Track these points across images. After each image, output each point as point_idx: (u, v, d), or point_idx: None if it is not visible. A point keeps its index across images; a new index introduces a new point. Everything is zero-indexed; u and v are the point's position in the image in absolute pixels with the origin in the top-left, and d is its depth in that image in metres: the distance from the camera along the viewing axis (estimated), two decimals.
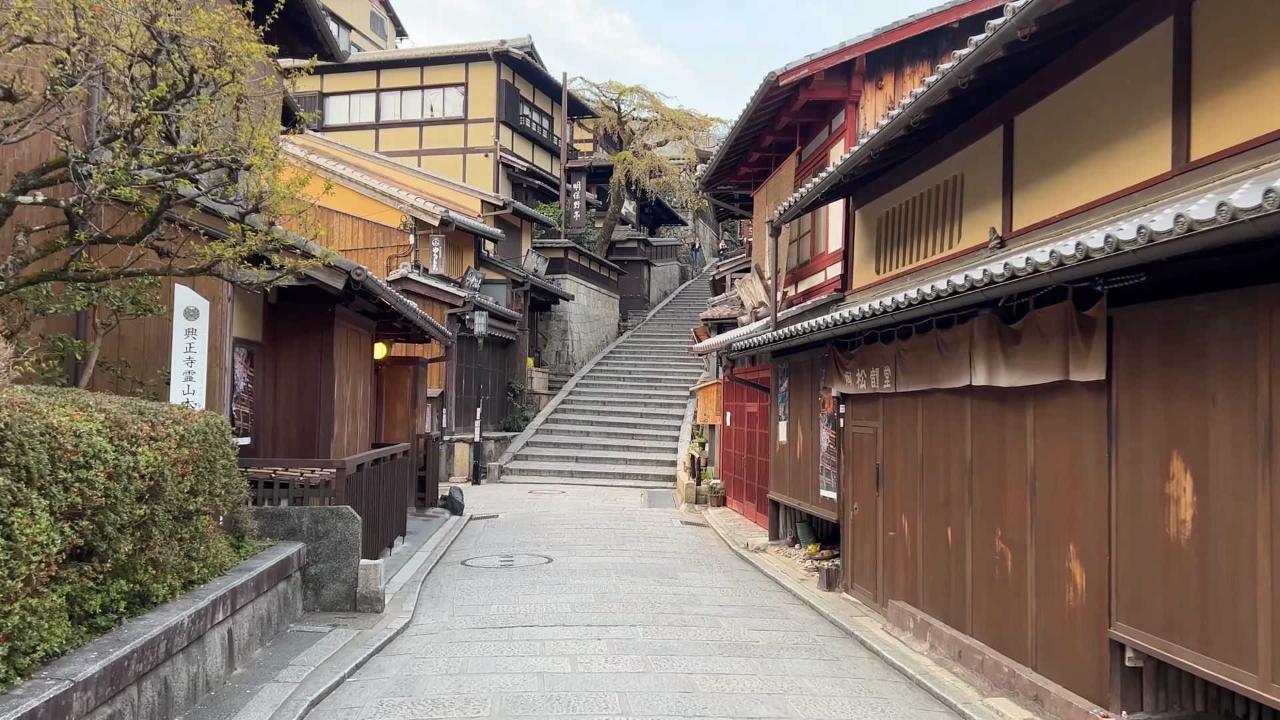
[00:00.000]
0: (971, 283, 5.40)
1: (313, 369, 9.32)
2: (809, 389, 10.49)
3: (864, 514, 8.72)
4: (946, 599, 6.93)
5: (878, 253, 11.14)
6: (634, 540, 12.58)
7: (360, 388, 10.82)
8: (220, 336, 7.84)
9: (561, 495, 18.16)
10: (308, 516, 7.85)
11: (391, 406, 14.52)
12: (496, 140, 29.15)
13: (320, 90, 31.40)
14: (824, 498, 9.86)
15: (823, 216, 13.53)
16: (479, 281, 23.30)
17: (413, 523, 13.46)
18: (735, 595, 9.13)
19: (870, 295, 10.85)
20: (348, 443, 10.12)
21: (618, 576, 9.86)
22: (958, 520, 6.81)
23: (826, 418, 9.80)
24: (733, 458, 15.91)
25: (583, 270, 31.03)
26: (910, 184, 10.29)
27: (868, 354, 8.44)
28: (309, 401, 9.29)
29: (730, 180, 17.02)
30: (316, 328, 9.33)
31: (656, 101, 36.51)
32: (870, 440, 8.57)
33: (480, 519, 14.92)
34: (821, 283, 13.20)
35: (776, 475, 11.78)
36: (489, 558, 11.08)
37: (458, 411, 21.10)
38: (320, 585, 7.85)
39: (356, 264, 7.87)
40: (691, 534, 13.56)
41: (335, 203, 21.50)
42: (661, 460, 21.52)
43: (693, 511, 16.16)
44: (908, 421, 7.75)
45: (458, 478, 20.46)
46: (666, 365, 28.74)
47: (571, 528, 13.68)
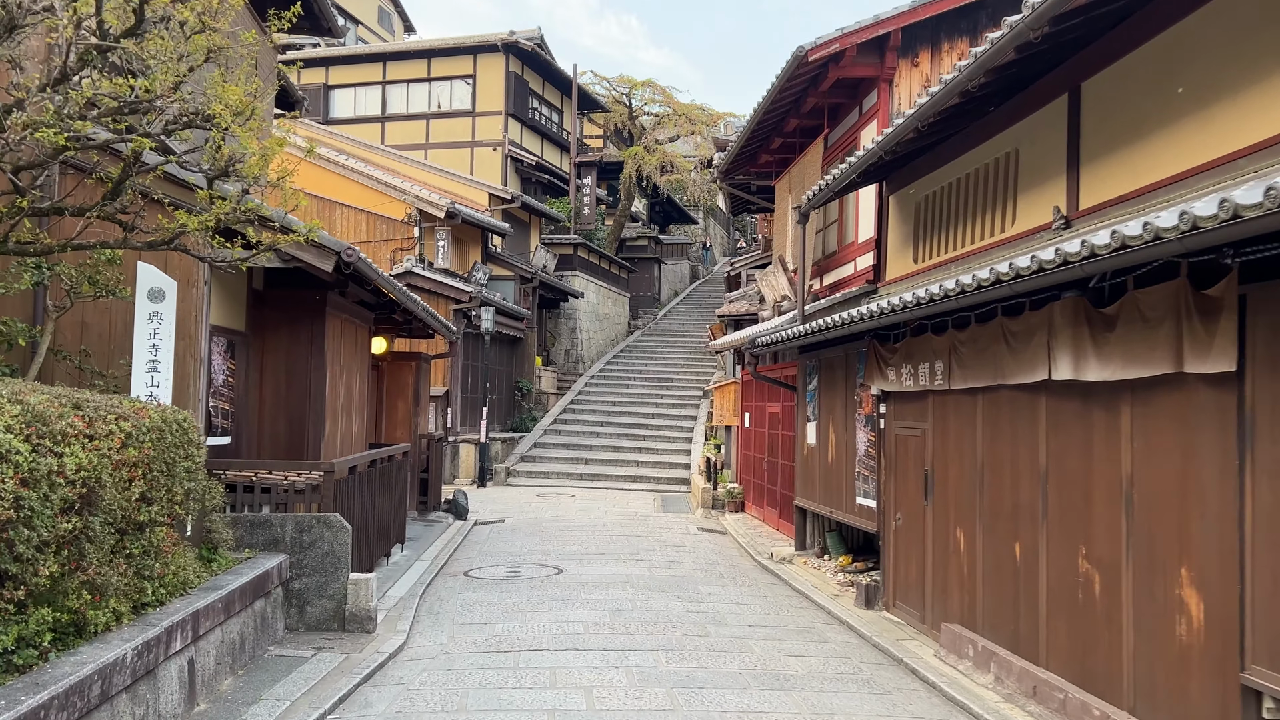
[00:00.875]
0: (1064, 257, 4.55)
1: (302, 362, 8.50)
2: (843, 387, 9.64)
3: (909, 525, 7.86)
4: (1014, 624, 6.08)
5: (916, 240, 10.29)
6: (649, 549, 11.74)
7: (356, 384, 10.01)
8: (195, 324, 7.02)
9: (571, 499, 17.33)
10: (291, 525, 7.03)
11: (392, 405, 13.72)
12: (505, 133, 28.36)
13: (325, 83, 30.70)
14: (860, 506, 9.01)
15: (851, 204, 12.68)
16: (486, 277, 22.49)
17: (414, 528, 12.65)
18: (764, 613, 8.28)
19: (907, 286, 10.00)
20: (341, 443, 9.31)
21: (634, 590, 9.02)
22: (1028, 535, 5.96)
23: (864, 418, 8.95)
24: (751, 461, 15.07)
25: (592, 267, 30.22)
26: (953, 165, 9.44)
27: (915, 348, 7.59)
28: (297, 397, 8.48)
29: (750, 169, 16.17)
30: (306, 317, 8.52)
31: (669, 95, 35.70)
32: (917, 443, 7.72)
33: (485, 524, 14.11)
34: (851, 274, 12.35)
35: (804, 480, 10.93)
36: (494, 568, 10.26)
37: (463, 411, 20.29)
38: (305, 602, 7.04)
39: (348, 244, 7.05)
40: (710, 542, 12.72)
41: (337, 194, 20.74)
42: (674, 463, 20.68)
43: (709, 517, 15.31)
44: (964, 422, 6.90)
45: (463, 480, 19.65)
46: (678, 365, 27.92)
47: (582, 534, 12.85)
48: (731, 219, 56.42)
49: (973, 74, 6.84)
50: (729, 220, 55.61)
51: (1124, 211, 6.49)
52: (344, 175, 21.17)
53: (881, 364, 8.23)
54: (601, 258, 31.20)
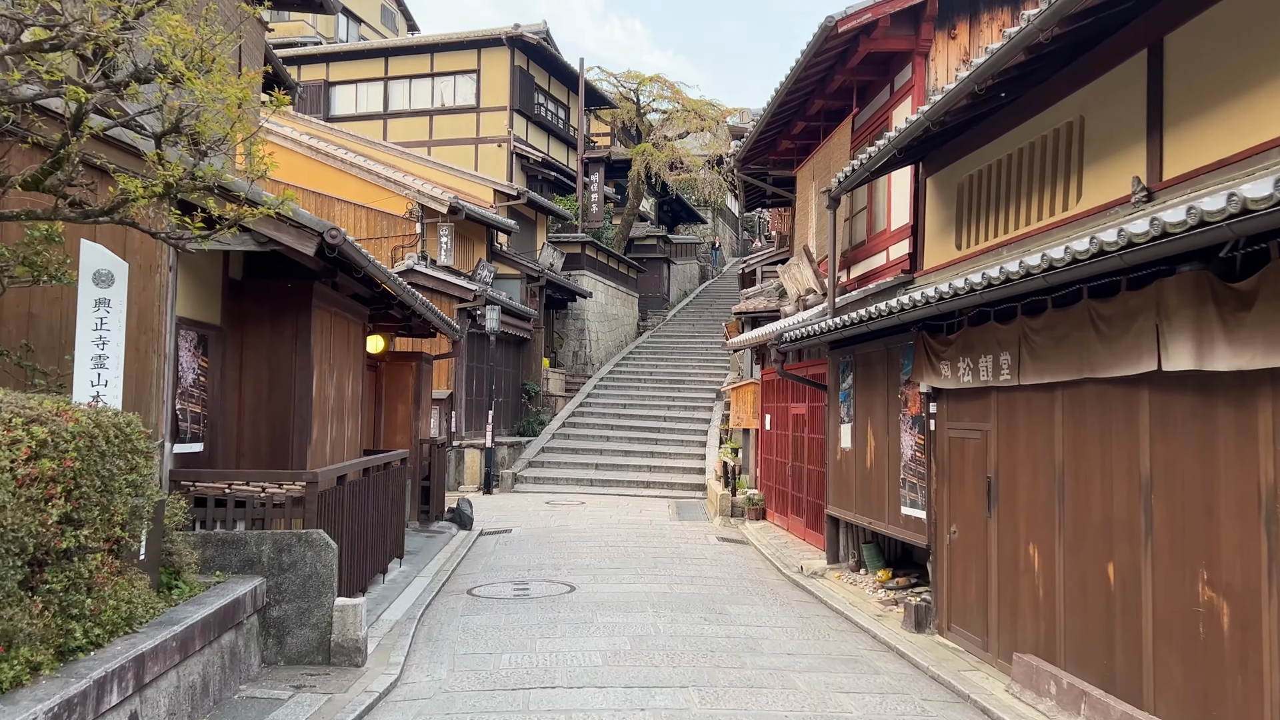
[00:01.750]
0: (1201, 217, 3.67)
1: (285, 359, 7.66)
2: (883, 385, 8.76)
3: (967, 539, 6.97)
4: (1108, 660, 5.18)
5: (959, 225, 9.41)
6: (668, 562, 10.86)
7: (349, 384, 9.16)
8: (159, 315, 6.18)
9: (581, 506, 16.46)
10: (269, 544, 6.17)
11: (391, 408, 12.88)
12: (510, 129, 27.54)
13: (326, 79, 29.97)
14: (906, 517, 8.12)
15: (882, 190, 11.81)
16: (491, 276, 21.65)
17: (414, 540, 11.79)
18: (803, 638, 7.40)
19: (950, 275, 9.12)
20: (331, 449, 8.46)
21: (655, 611, 8.14)
22: (1125, 554, 5.07)
23: (910, 419, 8.07)
24: (773, 465, 14.18)
25: (601, 267, 29.37)
26: (1001, 140, 8.57)
27: (974, 339, 6.70)
28: (281, 399, 7.63)
29: (769, 156, 15.30)
30: (290, 310, 7.67)
31: (677, 91, 34.87)
32: (977, 447, 6.83)
33: (491, 534, 13.25)
34: (882, 265, 11.47)
35: (837, 487, 10.04)
36: (500, 585, 9.39)
37: (468, 414, 19.45)
38: (284, 631, 6.17)
39: (331, 224, 6.20)
40: (732, 554, 11.84)
41: (336, 189, 19.94)
42: (689, 468, 19.80)
43: (729, 526, 14.43)
44: (1038, 422, 6.01)
45: (468, 486, 18.80)
46: (690, 366, 27.04)
47: (594, 545, 11.98)
48: (740, 219, 55.63)
49: (1045, 22, 5.96)
50: (738, 220, 54.77)
51: (1218, 180, 5.61)
52: (343, 170, 20.36)
53: (933, 358, 7.35)
54: (610, 257, 30.36)
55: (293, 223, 6.18)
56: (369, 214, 19.69)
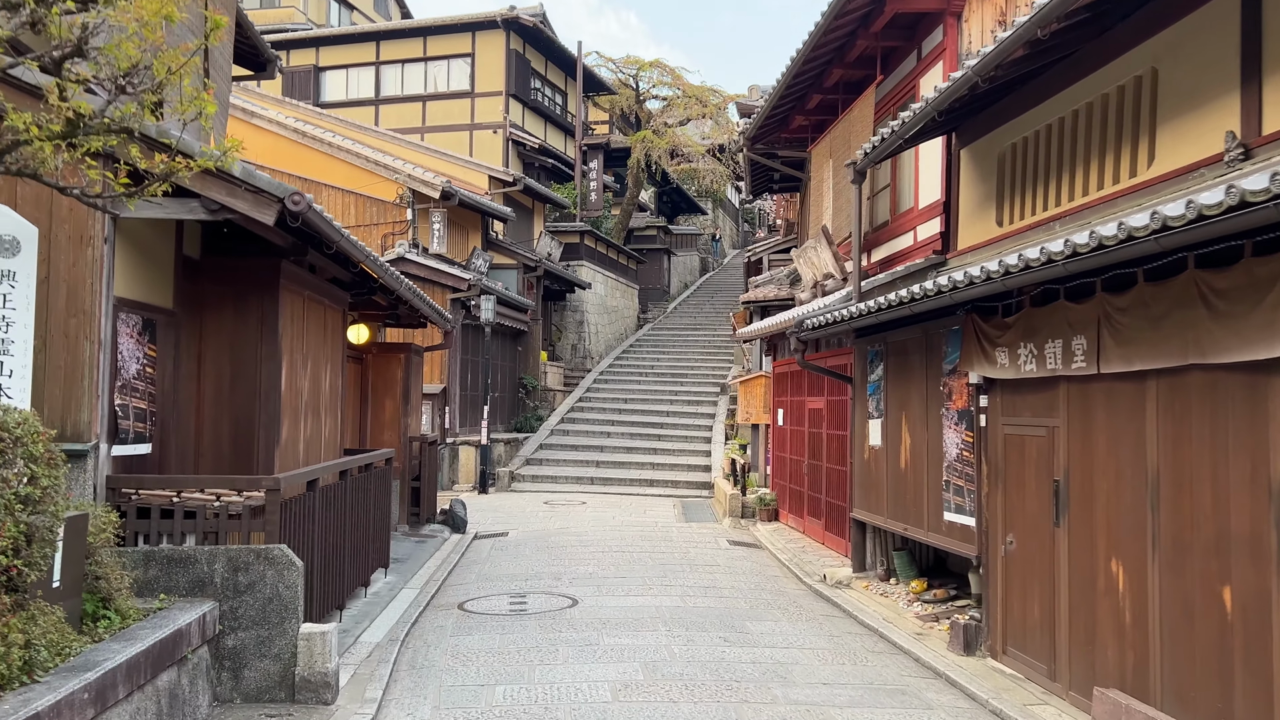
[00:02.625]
0: None
1: (249, 349, 6.76)
2: (921, 376, 7.87)
3: (1028, 550, 6.09)
4: (1224, 701, 4.31)
5: (1000, 199, 8.53)
6: (677, 569, 9.98)
7: (326, 377, 8.26)
8: (92, 295, 5.29)
9: (582, 507, 15.59)
10: (222, 562, 5.28)
11: (378, 403, 11.99)
12: (506, 115, 26.61)
13: (315, 64, 29.03)
14: (949, 523, 7.24)
15: (908, 166, 10.92)
16: (486, 265, 20.75)
17: (402, 546, 10.91)
18: (837, 663, 6.52)
19: (991, 254, 8.24)
20: (305, 449, 7.57)
21: (668, 630, 7.27)
22: (1249, 577, 4.19)
23: (954, 414, 7.18)
24: (787, 464, 13.31)
25: (600, 257, 28.46)
26: (1051, 103, 7.69)
27: (1040, 321, 5.81)
28: (244, 393, 6.73)
29: (779, 135, 14.41)
30: (255, 292, 6.77)
31: (678, 76, 33.97)
32: (1041, 445, 5.95)
33: (486, 538, 12.38)
34: (909, 246, 10.59)
35: (865, 489, 9.16)
36: (495, 598, 8.51)
37: (462, 410, 18.56)
38: (241, 664, 5.28)
39: (294, 189, 5.31)
40: (745, 559, 10.96)
41: (323, 174, 19.01)
42: (693, 465, 18.93)
43: (739, 528, 13.56)
44: (1123, 417, 5.13)
45: (462, 486, 17.92)
46: (692, 359, 26.17)
47: (597, 550, 11.11)
48: (740, 211, 54.74)
49: None
50: (738, 212, 53.92)
51: None
52: (331, 155, 19.44)
53: (985, 344, 6.46)
54: (609, 247, 29.45)
55: (248, 186, 5.28)
56: (358, 200, 18.78)
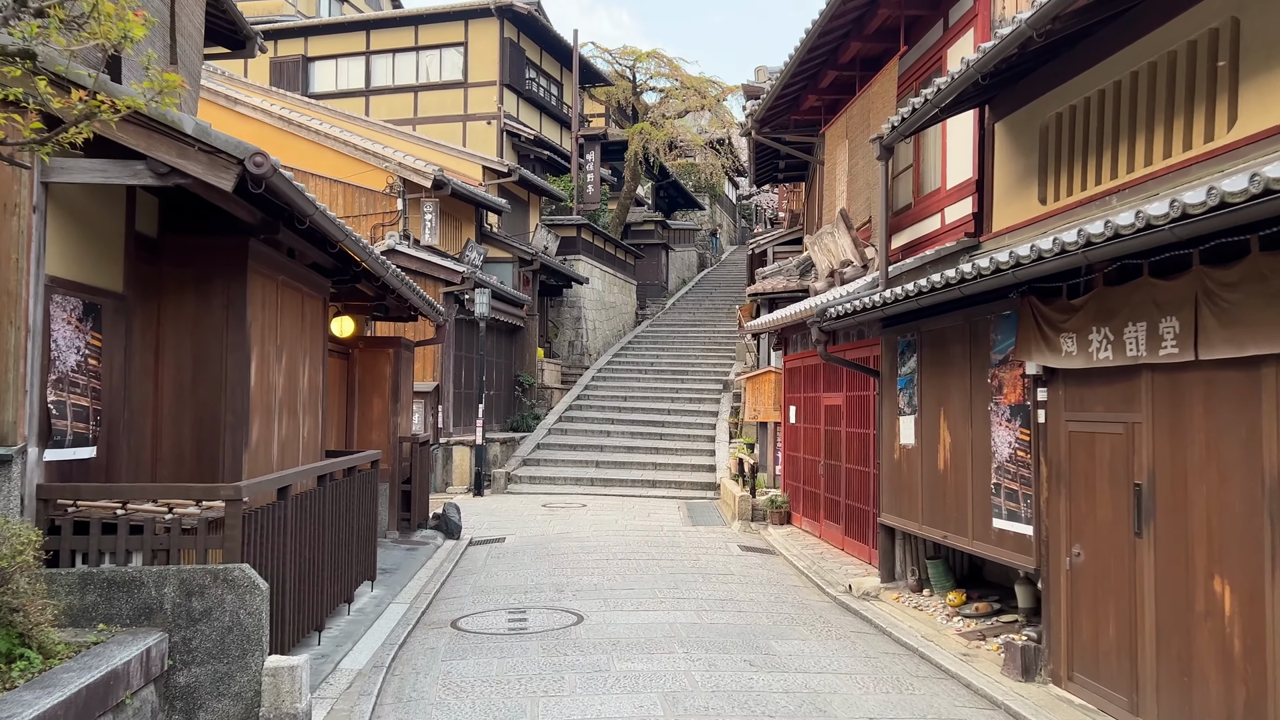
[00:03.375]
0: None
1: (214, 339, 5.99)
2: (963, 367, 7.11)
3: (1100, 564, 5.35)
4: None
5: (1043, 175, 7.79)
6: (689, 578, 9.23)
7: (304, 371, 7.49)
8: (18, 273, 4.51)
9: (582, 510, 14.83)
10: (173, 585, 4.51)
11: (365, 401, 11.21)
12: (500, 105, 25.82)
13: (304, 54, 28.23)
14: (1000, 531, 6.49)
15: (933, 144, 10.18)
16: (480, 258, 19.98)
17: (391, 554, 10.14)
18: (880, 691, 5.77)
19: (1033, 235, 7.50)
20: (279, 452, 6.79)
21: (686, 653, 6.51)
22: None
23: (1006, 409, 6.43)
24: (801, 464, 12.57)
25: (597, 252, 27.70)
26: (1104, 65, 6.95)
27: (1116, 301, 5.06)
28: (207, 390, 5.96)
29: (789, 117, 13.66)
30: (220, 275, 6.00)
31: (676, 67, 33.21)
32: (1117, 444, 5.20)
33: (482, 544, 11.62)
34: (935, 230, 9.85)
35: (894, 492, 8.41)
36: (492, 614, 7.74)
37: (456, 409, 17.79)
38: (195, 704, 4.51)
39: (256, 148, 4.54)
40: (761, 567, 10.21)
41: (309, 163, 18.20)
42: (697, 465, 18.18)
43: (749, 531, 12.81)
44: (1230, 410, 4.38)
45: (457, 488, 17.14)
46: (693, 356, 25.45)
47: (601, 558, 10.35)
48: (738, 207, 54.04)
49: None
50: (735, 208, 53.23)
51: None
52: (318, 143, 18.65)
53: (1046, 329, 5.71)
54: (607, 241, 28.69)
55: (203, 145, 4.51)
56: (346, 189, 17.99)
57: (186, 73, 8.28)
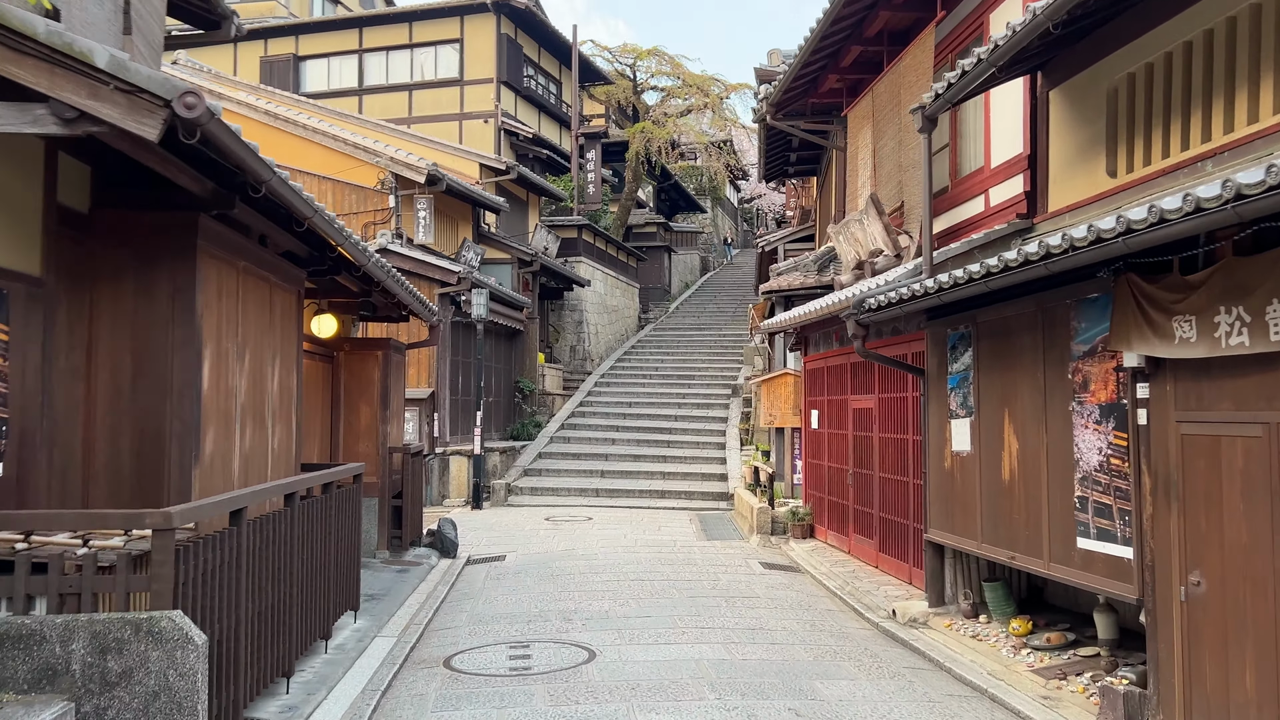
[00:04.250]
0: None
1: (158, 334, 5.04)
2: (1034, 360, 6.16)
3: (1230, 596, 4.40)
4: None
5: (1113, 144, 6.87)
6: (711, 603, 8.27)
7: (274, 374, 6.54)
8: None
9: (588, 523, 13.87)
10: (84, 640, 3.55)
11: (352, 409, 10.25)
12: (497, 103, 24.94)
13: (295, 53, 27.38)
14: (1087, 553, 5.53)
15: (972, 120, 9.27)
16: (478, 258, 19.05)
17: (379, 578, 9.18)
18: None
19: (1100, 212, 6.57)
20: (242, 467, 5.84)
21: (718, 698, 5.54)
22: None
23: (1095, 409, 5.48)
24: (824, 472, 11.61)
25: (599, 254, 26.77)
26: (1190, 13, 6.03)
27: (1252, 273, 4.12)
28: (151, 395, 5.01)
29: (808, 99, 12.74)
30: (165, 258, 5.05)
31: (678, 64, 32.38)
32: (1254, 449, 4.25)
33: (480, 563, 10.68)
34: (979, 214, 8.92)
35: (945, 504, 7.45)
36: (491, 649, 6.78)
37: (453, 417, 16.83)
38: None
39: (189, 85, 3.61)
40: (787, 587, 9.26)
41: (296, 159, 17.29)
42: (708, 474, 17.23)
43: (769, 546, 11.85)
44: None
45: (454, 500, 16.17)
46: (699, 360, 24.53)
47: (611, 578, 9.39)
48: (740, 210, 53.17)
49: None
50: (737, 210, 52.39)
51: None
52: (306, 138, 17.75)
53: (1152, 312, 4.76)
54: (609, 243, 27.76)
55: (120, 84, 3.57)
56: (335, 186, 17.07)
57: (144, 41, 7.34)
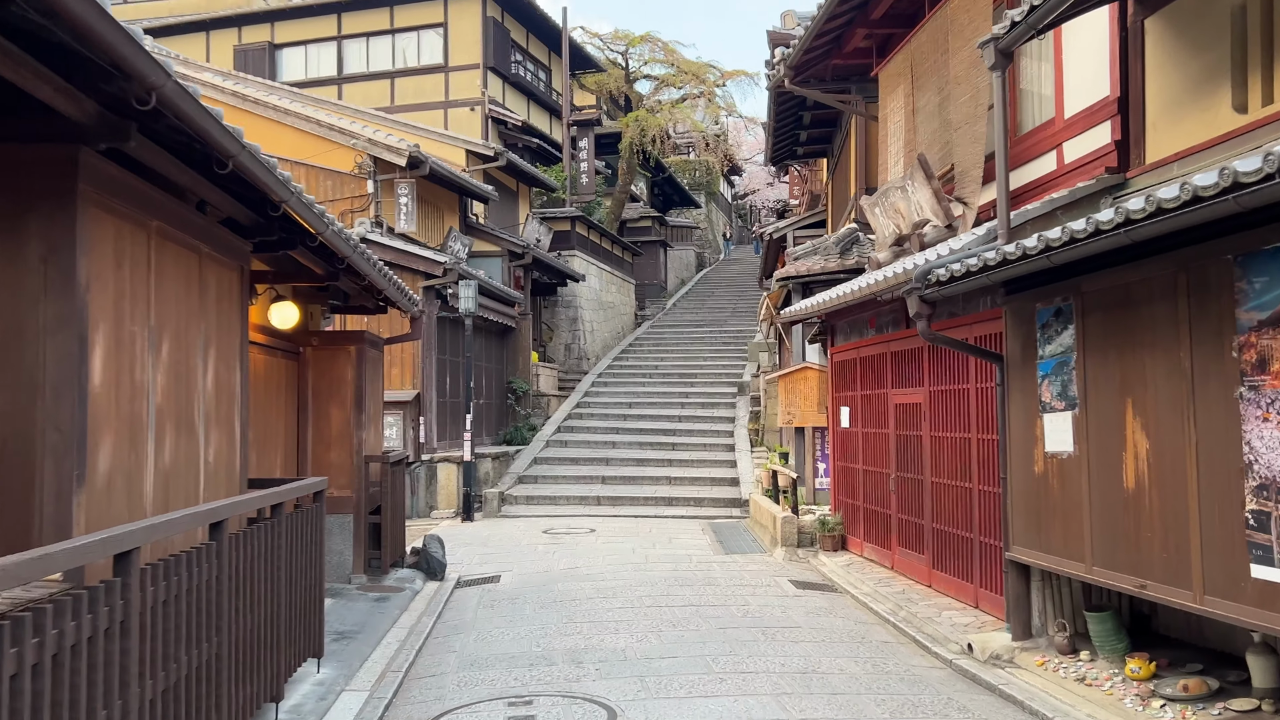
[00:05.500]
0: None
1: (24, 311, 3.71)
2: (1170, 335, 4.84)
3: None
4: None
5: (1240, 73, 5.56)
6: (745, 635, 6.96)
7: (208, 369, 5.20)
8: None
9: (590, 535, 12.55)
10: None
11: (322, 413, 8.91)
12: (484, 90, 23.61)
13: (271, 41, 26.02)
14: (1267, 585, 4.22)
15: (1036, 67, 7.98)
16: (465, 250, 17.72)
17: (353, 609, 7.83)
18: None
19: (1223, 157, 5.29)
20: (158, 487, 4.50)
21: None
22: None
23: (1267, 396, 4.17)
24: (858, 477, 10.32)
25: (593, 247, 25.46)
26: None
27: None
28: (12, 393, 3.68)
29: (831, 60, 11.43)
30: (35, 209, 3.72)
31: (672, 51, 31.12)
32: None
33: (472, 585, 9.37)
34: (1049, 173, 7.64)
35: (1033, 518, 6.14)
36: (485, 707, 5.44)
37: (440, 421, 15.49)
38: None
39: None
40: (828, 611, 7.95)
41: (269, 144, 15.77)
42: (717, 478, 15.94)
43: (796, 560, 10.55)
44: None
45: (443, 512, 14.83)
46: (701, 357, 23.27)
47: (624, 604, 8.08)
48: (734, 206, 51.99)
49: None
50: (731, 206, 51.23)
51: None
52: (277, 120, 16.35)
53: None
54: (603, 236, 26.45)
55: None
56: (309, 172, 15.68)
57: None
